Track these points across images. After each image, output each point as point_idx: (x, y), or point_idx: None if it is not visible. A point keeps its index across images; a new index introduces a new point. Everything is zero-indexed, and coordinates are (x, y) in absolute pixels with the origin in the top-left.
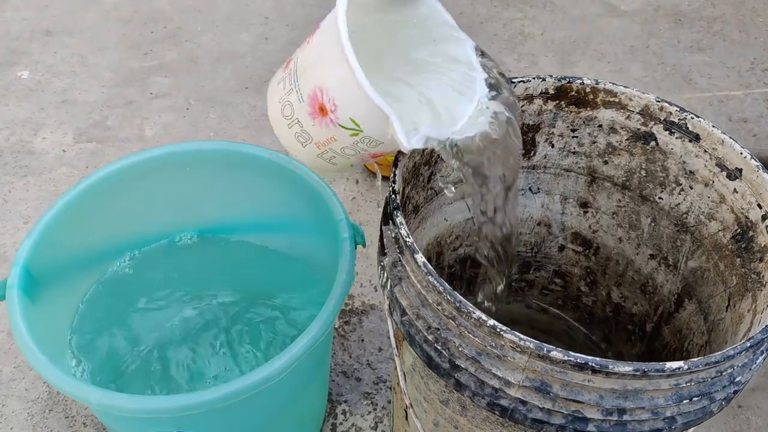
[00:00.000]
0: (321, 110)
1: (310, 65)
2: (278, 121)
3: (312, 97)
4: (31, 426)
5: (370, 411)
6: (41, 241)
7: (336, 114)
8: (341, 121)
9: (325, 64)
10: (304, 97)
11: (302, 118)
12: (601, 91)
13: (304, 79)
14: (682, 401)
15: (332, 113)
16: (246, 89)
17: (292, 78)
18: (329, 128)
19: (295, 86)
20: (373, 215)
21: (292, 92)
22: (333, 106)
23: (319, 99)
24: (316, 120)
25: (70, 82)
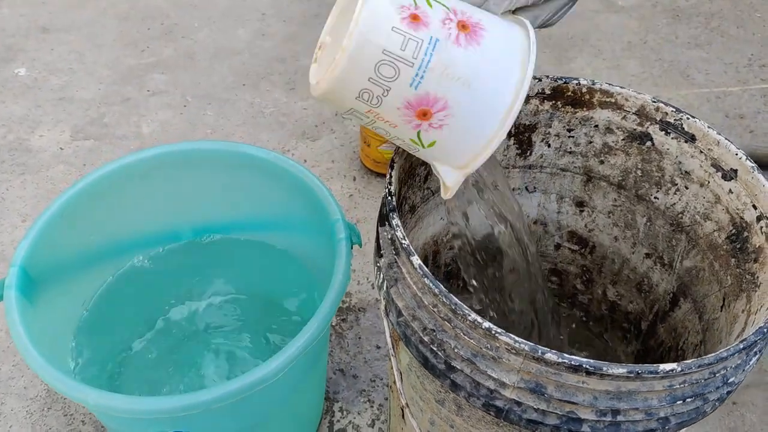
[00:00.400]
0: (422, 115)
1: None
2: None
3: (428, 99)
4: (30, 424)
5: (367, 408)
6: (39, 241)
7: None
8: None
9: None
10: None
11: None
12: (597, 92)
13: (437, 77)
14: (676, 402)
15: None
16: (243, 86)
17: (422, 56)
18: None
19: (420, 69)
20: (371, 213)
21: (411, 68)
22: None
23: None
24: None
25: (68, 80)
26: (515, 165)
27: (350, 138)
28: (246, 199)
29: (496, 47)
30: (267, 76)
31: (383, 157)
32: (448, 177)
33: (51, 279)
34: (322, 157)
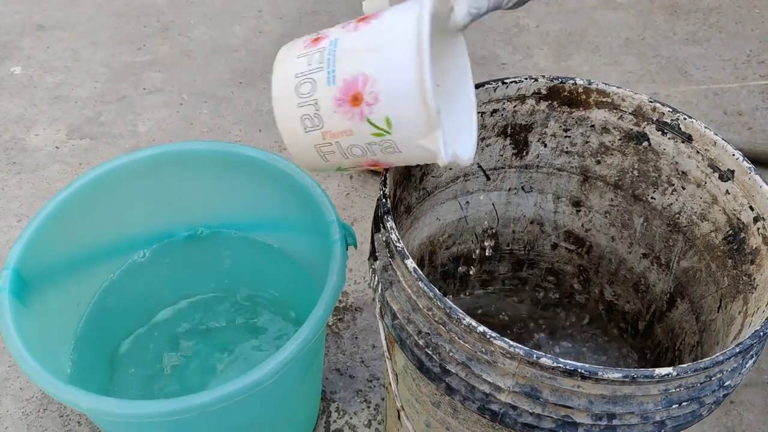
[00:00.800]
0: (354, 100)
1: (359, 50)
2: (286, 97)
3: (349, 84)
4: (26, 425)
5: (364, 409)
6: (32, 244)
7: (372, 108)
8: (373, 118)
9: (384, 55)
10: (337, 80)
11: (323, 101)
12: (594, 92)
13: (346, 61)
14: (672, 406)
15: (368, 106)
16: (239, 84)
17: (327, 57)
18: (353, 120)
19: (330, 66)
20: (368, 211)
21: (322, 71)
22: (373, 99)
23: (357, 87)
24: (341, 108)
25: (63, 78)
26: (511, 165)
27: None
28: (241, 200)
29: (390, 14)
30: (264, 74)
31: None
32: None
33: (45, 281)
34: None
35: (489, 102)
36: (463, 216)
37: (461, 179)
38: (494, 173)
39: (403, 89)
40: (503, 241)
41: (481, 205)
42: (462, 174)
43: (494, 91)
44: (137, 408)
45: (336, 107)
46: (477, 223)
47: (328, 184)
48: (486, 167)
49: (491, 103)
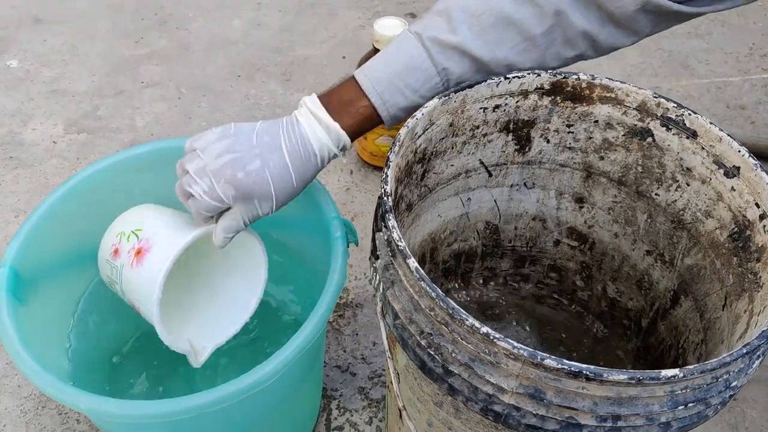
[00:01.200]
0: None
1: (131, 290)
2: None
3: (132, 302)
4: (24, 423)
5: (365, 406)
6: (29, 241)
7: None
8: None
9: (142, 309)
10: (126, 297)
11: (122, 295)
12: (597, 87)
13: (127, 290)
14: (678, 407)
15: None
16: (238, 77)
17: (119, 278)
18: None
19: (121, 286)
20: (368, 206)
21: (117, 285)
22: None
23: (135, 307)
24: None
25: (60, 72)
26: (513, 161)
27: None
28: None
29: (146, 270)
30: (263, 67)
31: (380, 150)
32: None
33: (42, 278)
34: None
35: (491, 98)
36: (465, 212)
37: (463, 176)
38: (496, 169)
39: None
40: (505, 237)
41: (483, 202)
42: (464, 170)
43: (496, 86)
44: (136, 408)
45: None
46: (479, 220)
47: (328, 179)
48: (488, 163)
49: (493, 98)
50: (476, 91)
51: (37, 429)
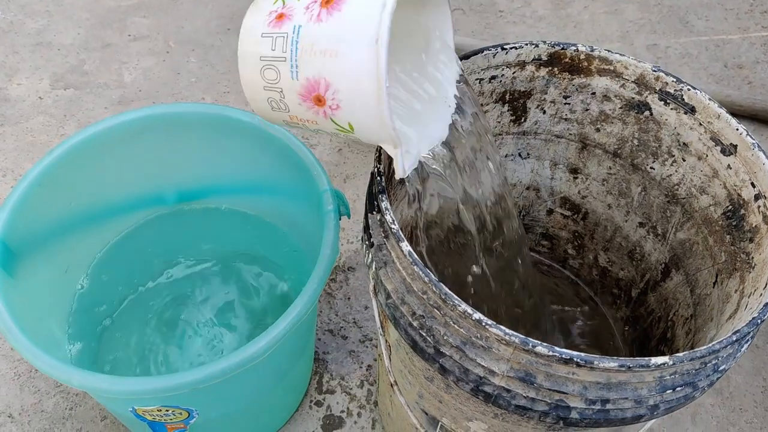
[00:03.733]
0: (317, 100)
1: (321, 50)
2: (252, 79)
3: (311, 84)
4: (18, 385)
5: (356, 369)
6: (17, 212)
7: (335, 113)
8: (336, 119)
9: (345, 65)
10: (300, 77)
11: (287, 92)
12: (596, 59)
13: (308, 59)
14: (666, 391)
15: (330, 110)
16: (228, 30)
17: (290, 47)
18: (317, 116)
19: (292, 59)
20: (360, 168)
21: (285, 62)
22: (335, 105)
23: (319, 90)
24: (306, 103)
25: (45, 23)
26: (509, 131)
27: None
28: (232, 164)
29: (354, 8)
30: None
31: None
32: (393, 155)
33: (32, 249)
34: None
35: (487, 68)
36: None
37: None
38: None
39: (364, 106)
40: None
41: None
42: None
43: (493, 57)
44: (129, 385)
45: (301, 101)
46: None
47: (320, 139)
48: None
49: (490, 69)
50: (472, 62)
51: (32, 391)
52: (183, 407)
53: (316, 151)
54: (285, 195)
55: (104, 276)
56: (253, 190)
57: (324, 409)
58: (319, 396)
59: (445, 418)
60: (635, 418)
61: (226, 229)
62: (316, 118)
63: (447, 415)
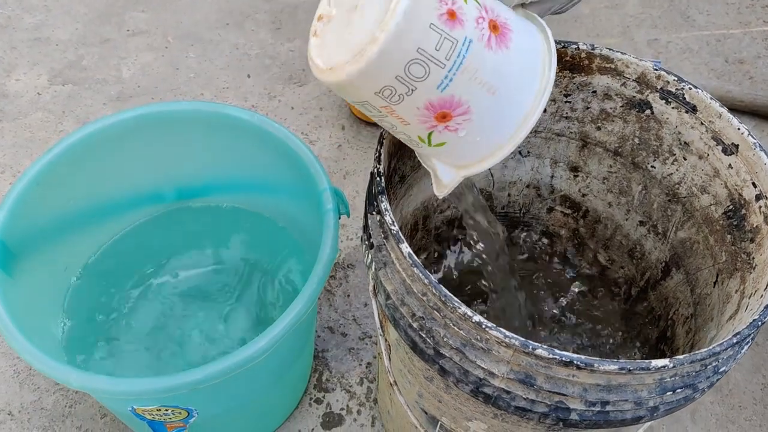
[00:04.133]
0: (441, 117)
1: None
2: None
3: (451, 102)
4: (18, 383)
5: (356, 366)
6: (15, 211)
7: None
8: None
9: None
10: (446, 90)
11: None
12: (597, 57)
13: (466, 81)
14: (666, 393)
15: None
16: (227, 25)
17: (455, 58)
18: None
19: (451, 71)
20: (360, 164)
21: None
22: (454, 128)
23: (453, 111)
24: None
25: (42, 18)
26: None
27: None
28: (231, 162)
29: (521, 54)
30: (252, 15)
31: None
32: (446, 175)
33: (31, 248)
34: (310, 104)
35: None
36: None
37: None
38: None
39: (483, 143)
40: (498, 203)
41: None
42: None
43: None
44: (129, 385)
45: (423, 107)
46: None
47: (320, 134)
48: None
49: None
50: None
51: (31, 389)
52: (182, 407)
53: (316, 147)
54: (284, 193)
55: (103, 274)
56: (253, 188)
57: (324, 407)
58: (318, 393)
59: (445, 418)
60: (635, 420)
61: (226, 227)
62: (414, 123)
63: (446, 415)
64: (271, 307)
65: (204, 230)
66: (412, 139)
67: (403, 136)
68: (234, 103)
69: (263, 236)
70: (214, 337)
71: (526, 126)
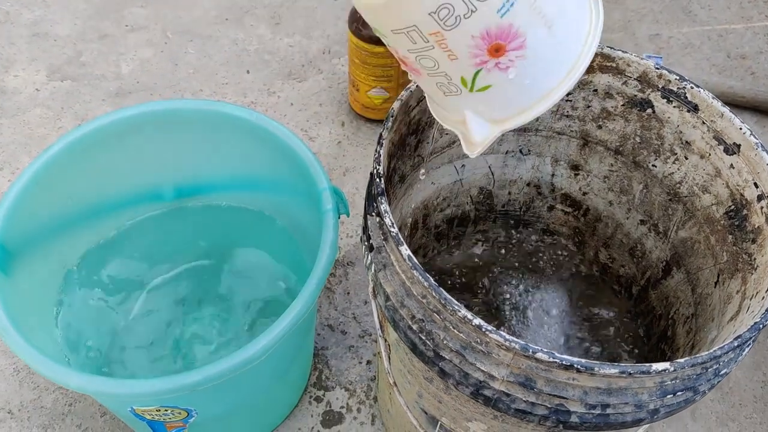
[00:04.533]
0: (494, 50)
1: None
2: None
3: (509, 32)
4: (18, 381)
5: (356, 365)
6: (14, 211)
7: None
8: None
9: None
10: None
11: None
12: (598, 56)
13: (526, 7)
14: (666, 396)
15: (494, 66)
16: (226, 21)
17: None
18: (469, 59)
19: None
20: (360, 161)
21: None
22: (505, 66)
23: (507, 44)
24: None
25: (41, 14)
26: None
27: (338, 79)
28: (230, 160)
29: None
30: (251, 10)
31: (373, 102)
32: (480, 131)
33: (29, 248)
34: (310, 99)
35: None
36: (459, 179)
37: (457, 143)
38: None
39: (530, 88)
40: (498, 202)
41: (477, 168)
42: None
43: None
44: (128, 387)
45: (478, 35)
46: (472, 186)
47: (320, 131)
48: None
49: None
50: None
51: (31, 387)
52: (182, 407)
53: (315, 143)
54: (284, 192)
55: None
56: (252, 187)
57: (323, 405)
58: (318, 392)
59: (445, 418)
60: (635, 422)
61: (225, 226)
62: (463, 58)
63: (446, 415)
64: (271, 306)
65: (203, 229)
66: (452, 81)
67: (440, 79)
68: (233, 98)
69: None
70: (213, 337)
71: (578, 69)
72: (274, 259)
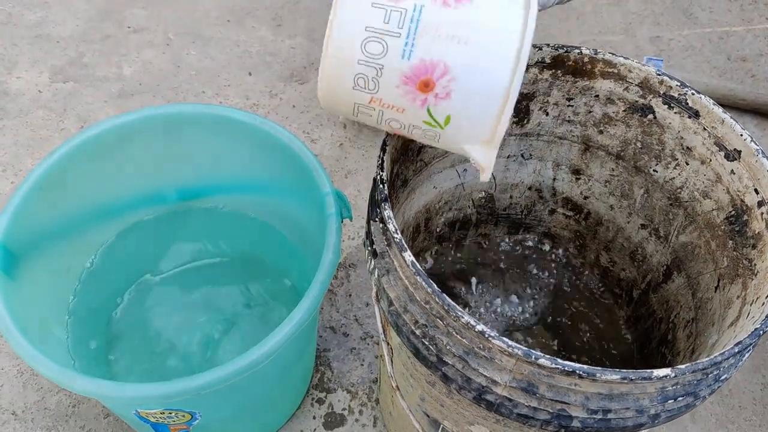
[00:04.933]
0: (424, 86)
1: (448, 34)
2: (346, 47)
3: (426, 67)
4: (22, 382)
5: (358, 366)
6: (18, 215)
7: (439, 102)
8: (435, 111)
9: (475, 53)
10: (413, 57)
11: (389, 71)
12: (600, 62)
13: (429, 41)
14: (667, 401)
15: (436, 98)
16: (228, 22)
17: (408, 24)
18: (412, 103)
19: (409, 37)
20: (362, 163)
21: (398, 39)
22: (445, 93)
23: (432, 74)
24: (406, 86)
25: (43, 15)
26: (511, 133)
27: None
28: (232, 163)
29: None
30: (252, 11)
31: None
32: (482, 157)
33: (33, 251)
34: (312, 102)
35: None
36: (461, 183)
37: None
38: None
39: (483, 98)
40: (500, 205)
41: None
42: None
43: None
44: (132, 391)
45: (401, 83)
46: (474, 189)
47: (321, 133)
48: None
49: None
50: None
51: (35, 389)
52: (186, 410)
53: (317, 145)
54: (286, 196)
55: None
56: (255, 190)
57: (325, 407)
58: (320, 394)
59: (447, 421)
60: (636, 427)
61: (227, 229)
62: (407, 106)
63: (448, 419)
64: (274, 310)
65: (205, 232)
66: (423, 128)
67: (416, 131)
68: (235, 100)
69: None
70: (216, 341)
71: (520, 61)
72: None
